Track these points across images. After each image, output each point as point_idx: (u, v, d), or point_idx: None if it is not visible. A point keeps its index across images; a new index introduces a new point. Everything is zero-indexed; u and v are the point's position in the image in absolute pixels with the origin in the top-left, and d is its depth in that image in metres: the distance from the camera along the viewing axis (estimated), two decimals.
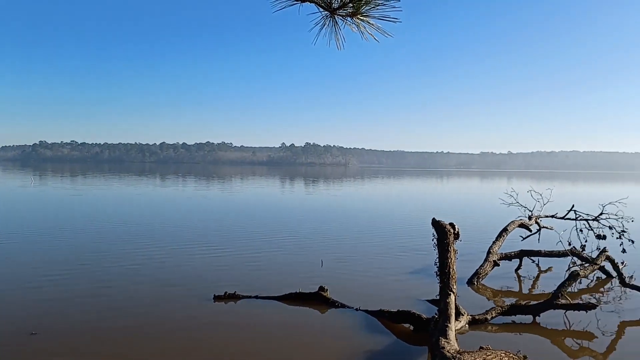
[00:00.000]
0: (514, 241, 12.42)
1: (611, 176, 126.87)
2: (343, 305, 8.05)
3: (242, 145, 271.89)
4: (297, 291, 8.46)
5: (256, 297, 8.51)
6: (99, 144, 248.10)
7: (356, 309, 7.89)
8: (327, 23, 2.43)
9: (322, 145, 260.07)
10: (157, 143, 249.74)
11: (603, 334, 7.09)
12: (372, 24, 2.39)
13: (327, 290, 8.39)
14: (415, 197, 37.87)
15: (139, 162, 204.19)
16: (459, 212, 24.58)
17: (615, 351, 6.60)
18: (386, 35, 2.42)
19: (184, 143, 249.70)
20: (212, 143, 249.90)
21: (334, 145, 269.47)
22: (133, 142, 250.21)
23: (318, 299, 8.27)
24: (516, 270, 11.09)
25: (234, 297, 8.44)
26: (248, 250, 13.02)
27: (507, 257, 10.78)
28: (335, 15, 2.39)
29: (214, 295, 8.49)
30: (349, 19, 2.39)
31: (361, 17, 2.36)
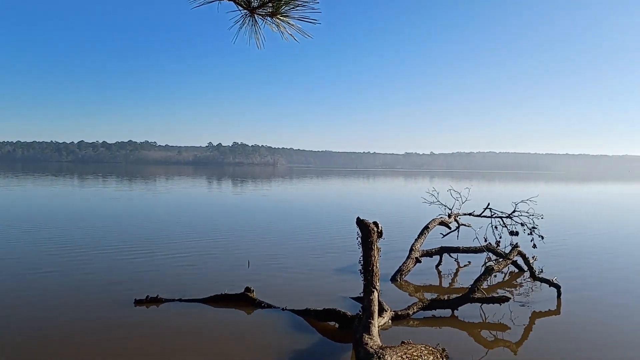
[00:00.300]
0: (435, 238, 12.90)
1: (524, 176, 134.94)
2: (269, 306, 8.02)
3: (166, 145, 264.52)
4: (223, 293, 8.34)
5: (179, 300, 8.30)
6: (11, 142, 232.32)
7: (282, 309, 7.89)
8: (247, 22, 2.41)
9: (250, 145, 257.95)
10: (75, 142, 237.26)
11: (516, 325, 7.50)
12: (293, 25, 2.40)
13: (253, 291, 8.33)
14: (342, 197, 38.39)
15: (55, 162, 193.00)
16: (383, 211, 25.20)
17: (527, 340, 7.01)
18: (306, 36, 2.43)
19: (104, 142, 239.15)
20: (135, 142, 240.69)
21: (262, 145, 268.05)
22: (49, 141, 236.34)
23: (244, 300, 8.19)
24: (437, 266, 11.53)
25: (156, 300, 8.18)
26: (172, 252, 12.66)
27: (429, 253, 11.19)
28: (255, 15, 2.38)
29: (135, 299, 8.19)
30: (268, 18, 2.39)
31: (281, 17, 2.35)
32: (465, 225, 13.41)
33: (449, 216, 13.20)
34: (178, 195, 35.53)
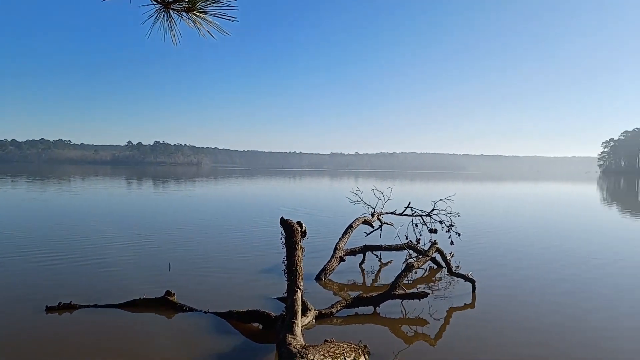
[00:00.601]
0: (359, 237, 13.14)
1: (443, 175, 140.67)
2: (191, 309, 7.83)
3: (82, 143, 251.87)
4: (142, 297, 8.04)
5: (94, 306, 7.91)
6: None
7: (205, 312, 7.73)
8: (162, 17, 2.32)
9: (172, 144, 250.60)
10: None
11: (434, 319, 7.78)
12: (210, 21, 2.34)
13: (174, 294, 8.09)
14: (268, 197, 38.23)
15: None
16: (309, 211, 25.34)
17: (445, 333, 7.30)
18: (224, 33, 2.38)
19: (13, 140, 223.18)
20: (48, 140, 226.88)
21: (185, 145, 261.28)
22: None
23: (164, 304, 7.93)
24: (360, 264, 11.74)
25: (69, 307, 7.75)
26: (88, 257, 12.04)
27: (352, 252, 11.37)
28: (170, 10, 2.30)
29: (46, 306, 7.72)
30: (184, 14, 2.31)
31: (197, 13, 2.29)
32: (387, 223, 13.75)
33: (372, 215, 13.49)
34: (95, 196, 33.88)
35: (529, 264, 12.32)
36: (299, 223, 6.57)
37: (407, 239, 12.10)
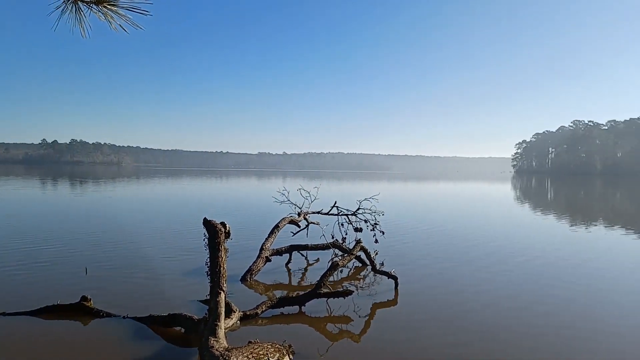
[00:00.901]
0: (286, 237, 13.15)
1: (369, 175, 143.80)
2: (109, 314, 7.50)
3: None
4: (55, 303, 7.60)
5: (3, 313, 7.40)
6: None
7: (123, 317, 7.42)
8: (70, 9, 2.20)
9: (91, 142, 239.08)
10: None
11: (358, 316, 7.93)
12: (122, 15, 2.24)
13: (90, 299, 7.72)
14: (193, 197, 37.39)
15: None
16: (235, 211, 25.05)
17: (369, 329, 7.46)
18: (137, 27, 2.29)
19: None
20: None
21: (105, 143, 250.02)
22: None
23: (80, 310, 7.55)
24: (286, 264, 11.75)
25: None
26: None
27: (279, 252, 11.36)
28: (79, 1, 2.18)
29: None
30: (94, 6, 2.21)
31: (108, 6, 2.19)
32: (314, 223, 13.86)
33: (299, 215, 13.55)
34: (5, 197, 31.65)
35: (450, 260, 12.82)
36: (223, 224, 6.47)
37: (333, 238, 12.25)
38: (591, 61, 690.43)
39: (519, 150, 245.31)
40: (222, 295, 6.18)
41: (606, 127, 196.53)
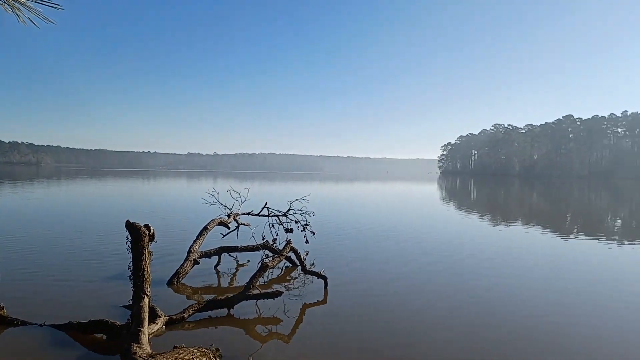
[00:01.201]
0: (215, 239, 12.90)
1: (302, 176, 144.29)
2: (24, 322, 7.04)
3: None
4: None
5: None
6: None
7: (41, 325, 6.99)
8: None
9: (7, 141, 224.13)
10: None
11: (288, 317, 7.91)
12: (31, 8, 2.10)
13: (3, 307, 7.22)
14: (118, 199, 35.93)
15: None
16: (163, 213, 24.32)
17: (299, 329, 7.45)
18: (47, 21, 2.15)
19: None
20: None
21: (22, 142, 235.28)
22: None
23: None
24: (216, 266, 11.53)
25: None
26: None
27: (207, 254, 11.12)
28: None
29: None
30: None
31: None
32: (244, 224, 13.68)
33: (229, 216, 13.33)
34: None
35: (381, 260, 13.06)
36: (147, 226, 6.24)
37: (263, 239, 12.14)
38: (510, 67, 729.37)
39: (444, 152, 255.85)
40: (146, 299, 5.96)
41: (524, 131, 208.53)
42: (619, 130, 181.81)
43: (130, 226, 6.13)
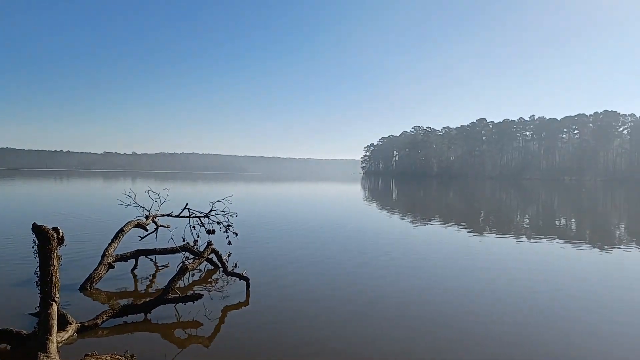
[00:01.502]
0: (132, 241, 12.44)
1: (226, 176, 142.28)
2: None
3: None
4: None
5: None
6: None
7: None
8: None
9: None
10: None
11: (209, 320, 7.76)
12: None
13: None
14: (26, 201, 33.71)
15: None
16: (76, 215, 23.13)
17: (220, 332, 7.35)
18: None
19: None
20: None
21: None
22: None
23: None
24: (132, 270, 11.11)
25: None
26: None
27: (123, 258, 10.68)
28: None
29: None
30: None
31: None
32: (164, 226, 13.29)
33: (147, 218, 12.88)
34: None
35: (304, 259, 13.09)
36: (55, 229, 5.91)
37: (184, 241, 11.84)
38: (431, 72, 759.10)
39: (367, 153, 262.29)
40: (55, 306, 5.64)
41: (441, 133, 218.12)
42: (527, 133, 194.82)
43: (37, 229, 5.79)
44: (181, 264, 8.98)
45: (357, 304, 8.92)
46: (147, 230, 12.71)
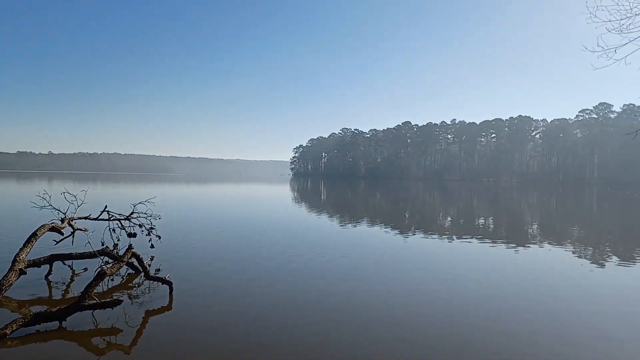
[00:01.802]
0: (47, 246, 11.82)
1: (150, 177, 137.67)
2: None
3: None
4: None
5: None
6: None
7: None
8: None
9: None
10: None
11: (129, 326, 7.54)
12: None
13: None
14: None
15: None
16: None
17: (141, 338, 7.15)
18: None
19: None
20: None
21: None
22: None
23: None
24: (47, 276, 10.57)
25: None
26: None
27: (36, 263, 10.10)
28: None
29: None
30: None
31: None
32: (81, 230, 12.69)
33: (62, 221, 12.25)
34: None
35: (232, 262, 12.88)
36: None
37: (103, 245, 11.38)
38: (361, 76, 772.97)
39: (296, 155, 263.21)
40: None
41: (369, 135, 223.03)
42: (449, 136, 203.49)
43: None
44: (99, 269, 8.63)
45: (286, 309, 8.85)
46: (62, 234, 12.08)
